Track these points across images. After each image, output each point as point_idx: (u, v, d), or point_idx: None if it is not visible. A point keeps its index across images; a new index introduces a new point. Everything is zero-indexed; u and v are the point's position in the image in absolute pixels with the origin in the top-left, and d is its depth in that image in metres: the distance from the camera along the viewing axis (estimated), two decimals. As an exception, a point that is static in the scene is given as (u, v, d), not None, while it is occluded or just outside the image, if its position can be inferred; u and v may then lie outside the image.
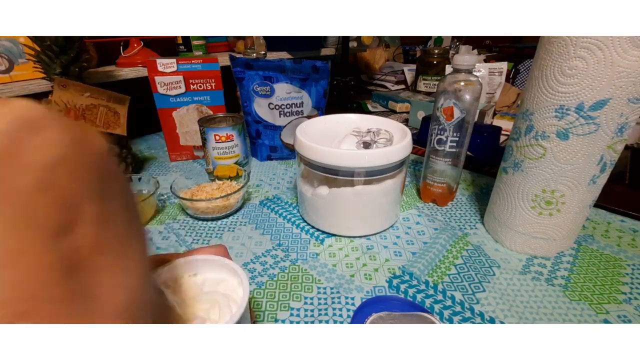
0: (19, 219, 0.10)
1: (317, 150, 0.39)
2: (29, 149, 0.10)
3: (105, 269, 0.12)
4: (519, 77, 1.14)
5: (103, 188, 0.12)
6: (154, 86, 0.60)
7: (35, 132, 0.11)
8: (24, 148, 0.10)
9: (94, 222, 0.11)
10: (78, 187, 0.11)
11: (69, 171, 0.11)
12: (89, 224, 0.11)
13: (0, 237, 0.09)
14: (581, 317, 0.32)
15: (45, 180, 0.10)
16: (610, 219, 0.47)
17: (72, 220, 0.11)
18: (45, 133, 0.11)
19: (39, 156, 0.10)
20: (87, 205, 0.11)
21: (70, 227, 0.11)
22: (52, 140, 0.11)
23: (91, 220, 0.11)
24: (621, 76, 0.29)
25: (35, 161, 0.10)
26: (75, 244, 0.11)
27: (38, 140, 0.10)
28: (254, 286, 0.36)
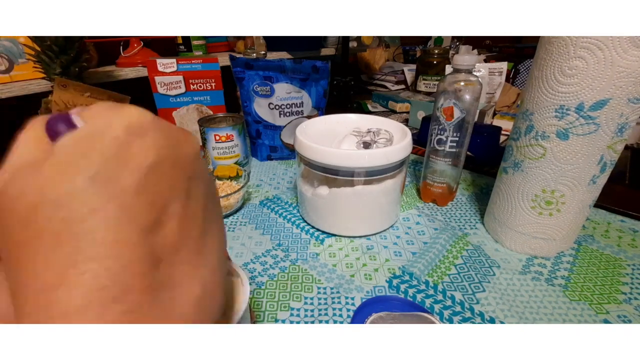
0: (121, 216, 0.11)
1: (317, 150, 0.39)
2: (135, 153, 0.12)
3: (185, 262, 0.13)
4: (519, 77, 1.14)
5: (189, 188, 0.13)
6: (154, 86, 0.60)
7: (141, 137, 0.12)
8: (132, 152, 0.12)
9: (178, 221, 0.13)
10: (169, 187, 0.13)
11: (164, 173, 0.12)
12: (175, 222, 0.13)
13: (104, 232, 0.11)
14: (581, 317, 0.32)
15: (145, 182, 0.12)
16: (610, 219, 0.47)
17: (162, 218, 0.12)
18: (149, 138, 0.12)
19: (142, 159, 0.12)
20: (174, 204, 0.13)
21: (159, 224, 0.12)
22: (153, 144, 0.12)
23: (176, 218, 0.13)
24: (621, 76, 0.29)
25: (139, 164, 0.12)
26: (161, 240, 0.12)
27: (143, 145, 0.12)
28: (254, 286, 0.36)
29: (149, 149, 0.12)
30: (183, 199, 0.13)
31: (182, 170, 0.13)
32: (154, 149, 0.12)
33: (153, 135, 0.12)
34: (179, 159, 0.13)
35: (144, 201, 0.12)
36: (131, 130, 0.12)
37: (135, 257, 0.11)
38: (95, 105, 0.13)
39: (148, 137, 0.12)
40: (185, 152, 0.14)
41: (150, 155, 0.12)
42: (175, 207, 0.13)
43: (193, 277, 0.13)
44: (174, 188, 0.13)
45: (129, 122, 0.12)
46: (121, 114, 0.12)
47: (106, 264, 0.10)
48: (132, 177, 0.11)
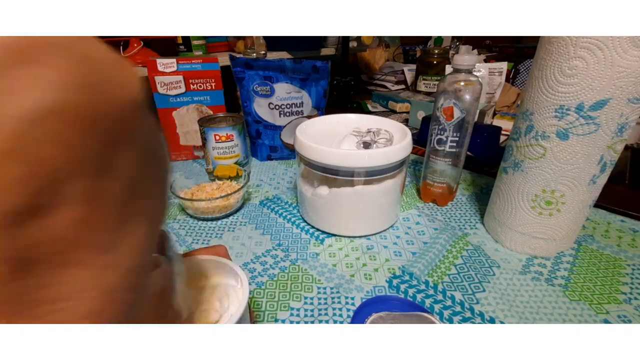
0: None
1: (317, 150, 0.39)
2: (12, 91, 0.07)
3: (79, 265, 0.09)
4: (519, 77, 1.14)
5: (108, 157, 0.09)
6: (153, 86, 0.60)
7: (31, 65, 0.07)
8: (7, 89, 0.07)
9: (77, 207, 0.08)
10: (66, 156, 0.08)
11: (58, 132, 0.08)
12: (69, 210, 0.08)
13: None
14: (581, 317, 0.32)
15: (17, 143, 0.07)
16: (610, 219, 0.47)
17: (43, 204, 0.08)
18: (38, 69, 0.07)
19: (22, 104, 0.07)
20: (73, 183, 0.08)
21: (37, 212, 0.08)
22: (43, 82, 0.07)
23: (74, 204, 0.08)
24: (621, 76, 0.29)
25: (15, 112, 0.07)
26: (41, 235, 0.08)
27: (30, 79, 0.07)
28: (254, 286, 0.36)
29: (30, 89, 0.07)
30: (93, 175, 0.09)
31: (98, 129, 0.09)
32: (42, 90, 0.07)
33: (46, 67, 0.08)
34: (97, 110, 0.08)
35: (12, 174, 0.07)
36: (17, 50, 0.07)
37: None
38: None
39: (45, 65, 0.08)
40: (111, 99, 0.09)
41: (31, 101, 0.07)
42: (73, 186, 0.08)
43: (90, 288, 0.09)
44: (75, 156, 0.08)
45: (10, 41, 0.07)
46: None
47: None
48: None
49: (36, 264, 0.08)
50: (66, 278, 0.09)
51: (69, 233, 0.09)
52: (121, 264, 0.10)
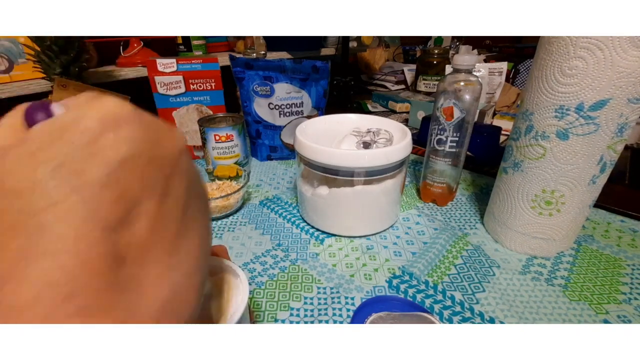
0: (83, 210, 0.10)
1: (317, 150, 0.39)
2: (106, 145, 0.11)
3: (152, 264, 0.12)
4: (519, 77, 1.14)
5: (168, 186, 0.13)
6: (153, 86, 0.60)
7: (115, 129, 0.11)
8: (103, 144, 0.11)
9: (149, 220, 0.12)
10: (142, 185, 0.12)
11: (137, 168, 0.12)
12: (145, 221, 0.12)
13: (63, 226, 0.10)
14: (581, 317, 0.32)
15: (113, 176, 0.11)
16: (610, 219, 0.47)
17: (130, 217, 0.11)
18: (123, 131, 0.12)
19: (113, 153, 0.11)
20: (146, 203, 0.12)
21: (127, 222, 0.11)
22: (128, 138, 0.12)
23: (147, 218, 0.12)
24: (621, 76, 0.29)
25: (109, 158, 0.11)
26: (128, 239, 0.11)
27: (116, 138, 0.11)
28: (253, 286, 0.36)
29: (121, 142, 0.11)
30: (158, 197, 0.12)
31: (160, 167, 0.13)
32: (128, 143, 0.12)
33: (129, 128, 0.12)
34: (157, 155, 0.13)
35: (111, 197, 0.11)
36: (105, 121, 0.11)
37: (94, 255, 0.10)
38: (79, 95, 0.13)
39: (123, 129, 0.12)
40: (166, 148, 0.13)
41: (123, 149, 0.11)
42: (147, 205, 0.12)
43: (162, 280, 0.12)
44: (148, 185, 0.12)
45: (104, 113, 0.12)
46: (97, 105, 0.12)
47: (61, 260, 0.10)
48: (99, 170, 0.11)
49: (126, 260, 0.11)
50: (146, 271, 0.12)
51: (146, 238, 0.12)
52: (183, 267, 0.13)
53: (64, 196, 0.10)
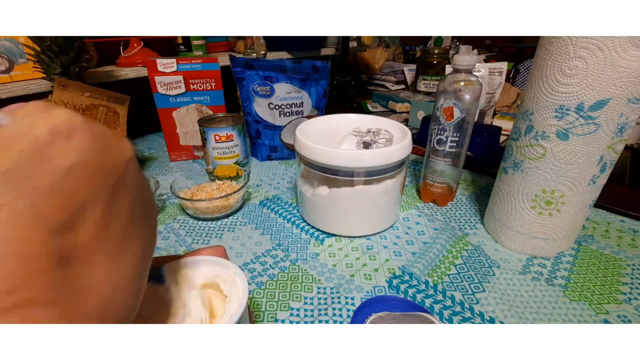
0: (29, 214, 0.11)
1: (317, 150, 0.39)
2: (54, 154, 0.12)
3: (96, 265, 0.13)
4: (519, 77, 1.14)
5: (112, 194, 0.14)
6: (154, 86, 0.60)
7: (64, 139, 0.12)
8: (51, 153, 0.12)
9: (94, 224, 0.13)
10: (89, 191, 0.13)
11: (85, 177, 0.12)
12: (89, 227, 0.13)
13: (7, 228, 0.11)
14: (581, 317, 0.32)
15: (60, 183, 0.12)
16: (610, 219, 0.47)
17: (75, 221, 0.12)
18: (74, 140, 0.12)
19: (61, 161, 0.12)
20: (92, 208, 0.13)
21: (71, 226, 0.12)
22: (76, 147, 0.12)
23: (92, 223, 0.13)
24: (621, 76, 0.29)
25: (58, 166, 0.12)
26: (72, 242, 0.12)
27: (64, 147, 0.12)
28: (253, 286, 0.36)
29: (70, 151, 0.12)
30: (104, 204, 0.13)
31: (106, 175, 0.13)
32: (76, 152, 0.12)
33: (79, 137, 0.13)
34: (104, 164, 0.13)
35: (57, 202, 0.12)
36: (55, 131, 0.12)
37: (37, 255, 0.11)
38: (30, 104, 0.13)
39: (72, 139, 0.12)
40: (114, 157, 0.14)
41: (70, 158, 0.12)
42: (92, 212, 0.13)
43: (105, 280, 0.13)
44: (94, 192, 0.13)
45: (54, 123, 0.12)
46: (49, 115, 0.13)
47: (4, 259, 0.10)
48: (46, 177, 0.11)
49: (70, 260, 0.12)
50: (89, 272, 0.13)
51: (90, 241, 0.13)
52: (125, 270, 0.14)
53: (10, 200, 0.11)
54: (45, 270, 0.11)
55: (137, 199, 0.15)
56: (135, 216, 0.15)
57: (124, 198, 0.14)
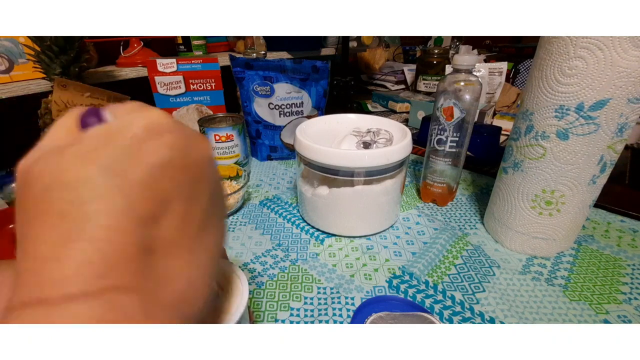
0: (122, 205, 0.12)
1: (317, 150, 0.39)
2: (148, 151, 0.13)
3: (175, 258, 0.14)
4: (519, 77, 1.14)
5: (194, 190, 0.14)
6: (154, 86, 0.60)
7: (156, 137, 0.13)
8: (145, 149, 0.13)
9: (176, 219, 0.13)
10: (174, 187, 0.13)
11: (171, 173, 0.13)
12: (172, 220, 0.13)
13: (103, 217, 0.11)
14: (581, 317, 0.32)
15: (151, 178, 0.13)
16: (610, 219, 0.47)
17: (161, 213, 0.13)
18: (163, 138, 0.13)
19: (153, 157, 0.13)
20: (176, 203, 0.13)
21: (158, 218, 0.13)
22: (166, 145, 0.13)
23: (175, 217, 0.13)
24: (621, 76, 0.29)
25: (149, 162, 0.13)
26: (156, 234, 0.13)
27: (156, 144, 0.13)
28: (254, 286, 0.36)
29: (161, 148, 0.13)
30: (185, 199, 0.14)
31: (190, 172, 0.14)
32: (166, 150, 0.13)
33: (168, 136, 0.13)
34: (189, 161, 0.14)
35: (147, 195, 0.12)
36: (149, 129, 0.13)
37: (127, 243, 0.12)
38: (127, 104, 0.14)
39: (163, 137, 0.13)
40: (197, 156, 0.15)
41: (161, 155, 0.13)
42: (176, 206, 0.13)
43: (182, 272, 0.14)
44: (178, 188, 0.14)
45: (148, 121, 0.13)
46: (143, 114, 0.14)
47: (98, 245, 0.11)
48: (140, 172, 0.12)
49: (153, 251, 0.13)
50: (169, 263, 0.13)
51: (173, 234, 0.13)
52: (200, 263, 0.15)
53: (108, 191, 0.12)
54: (132, 259, 0.12)
55: (213, 197, 0.16)
56: (210, 214, 0.15)
57: (203, 195, 0.15)
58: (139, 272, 0.12)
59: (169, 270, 0.13)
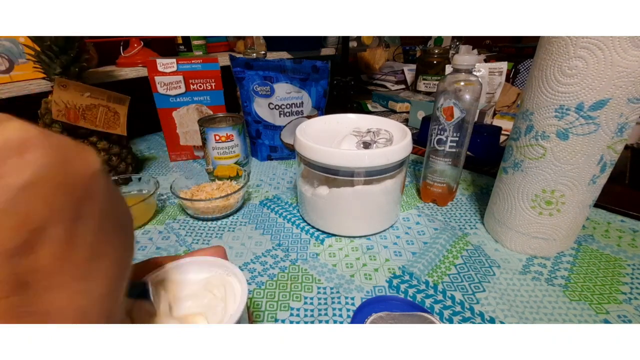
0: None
1: (317, 150, 0.39)
2: (6, 172, 0.11)
3: (58, 290, 0.12)
4: (519, 77, 1.14)
5: (78, 210, 0.12)
6: (154, 86, 0.60)
7: (17, 155, 0.11)
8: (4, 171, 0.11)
9: (56, 245, 0.12)
10: (47, 210, 0.11)
11: (43, 194, 0.11)
12: (50, 247, 0.11)
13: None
14: (581, 317, 0.32)
15: (13, 203, 0.11)
16: (610, 219, 0.47)
17: (34, 242, 0.11)
18: (29, 155, 0.11)
19: (14, 179, 0.11)
20: (54, 227, 0.12)
21: (29, 248, 0.11)
22: (31, 163, 0.11)
23: (53, 243, 0.12)
24: (621, 76, 0.29)
25: (10, 184, 0.11)
26: (31, 265, 0.11)
27: (19, 163, 0.11)
28: (253, 286, 0.36)
29: (23, 167, 0.11)
30: (67, 222, 0.12)
31: (69, 191, 0.12)
32: (31, 168, 0.11)
33: (35, 152, 0.11)
34: (66, 179, 0.12)
35: (10, 223, 0.11)
36: (7, 147, 0.11)
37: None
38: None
39: (28, 154, 0.11)
40: (77, 171, 0.13)
41: (25, 175, 0.11)
42: (54, 231, 0.12)
43: (69, 305, 0.12)
44: (55, 210, 0.12)
45: (5, 138, 0.11)
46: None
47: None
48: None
49: (29, 285, 0.11)
50: (50, 297, 0.12)
51: (52, 263, 0.12)
52: (93, 291, 0.13)
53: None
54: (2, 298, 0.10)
55: (107, 213, 0.14)
56: (105, 231, 0.14)
57: (92, 214, 0.13)
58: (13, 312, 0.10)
59: (52, 304, 0.12)
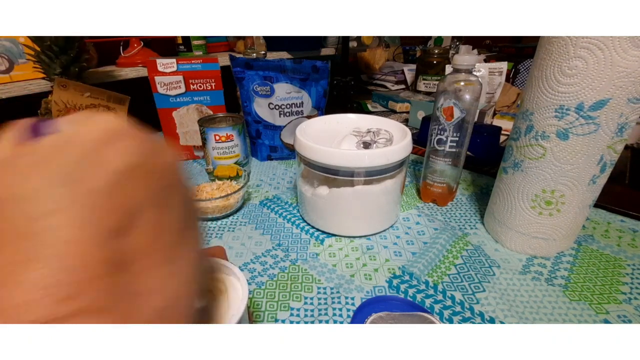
0: (84, 217, 0.11)
1: (317, 150, 0.39)
2: (107, 158, 0.12)
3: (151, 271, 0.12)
4: (519, 77, 1.14)
5: (165, 198, 0.13)
6: (154, 86, 0.60)
7: (115, 143, 0.12)
8: (105, 156, 0.12)
9: (148, 229, 0.12)
10: (142, 195, 0.12)
11: (138, 180, 0.12)
12: (144, 230, 0.12)
13: (64, 231, 0.10)
14: (581, 317, 0.32)
15: (114, 186, 0.12)
16: (610, 219, 0.47)
17: (130, 225, 0.12)
18: (124, 143, 0.13)
19: (114, 164, 0.12)
20: (146, 212, 0.12)
21: (126, 230, 0.12)
22: (127, 151, 0.12)
23: (147, 227, 0.12)
24: (621, 76, 0.29)
25: (109, 168, 0.12)
26: (127, 246, 0.12)
27: (116, 150, 0.12)
28: (253, 286, 0.36)
29: (121, 154, 0.12)
30: (158, 207, 0.13)
31: (158, 178, 0.13)
32: (127, 155, 0.12)
33: (128, 142, 0.13)
34: (155, 167, 0.13)
35: (111, 205, 0.11)
36: (106, 136, 0.12)
37: (93, 260, 0.11)
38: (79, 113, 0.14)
39: (122, 143, 0.12)
40: (162, 161, 0.14)
41: (123, 161, 0.12)
42: (147, 214, 0.12)
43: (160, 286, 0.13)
44: (148, 195, 0.13)
45: (105, 128, 0.13)
46: (99, 121, 0.13)
47: (60, 263, 0.10)
48: (101, 180, 0.11)
49: (125, 266, 0.12)
50: (144, 278, 0.12)
51: (146, 245, 0.12)
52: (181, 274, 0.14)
53: (67, 203, 0.11)
54: (102, 277, 0.11)
55: (186, 202, 0.15)
56: (185, 220, 0.15)
57: (176, 201, 0.14)
58: (109, 291, 0.11)
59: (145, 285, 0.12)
